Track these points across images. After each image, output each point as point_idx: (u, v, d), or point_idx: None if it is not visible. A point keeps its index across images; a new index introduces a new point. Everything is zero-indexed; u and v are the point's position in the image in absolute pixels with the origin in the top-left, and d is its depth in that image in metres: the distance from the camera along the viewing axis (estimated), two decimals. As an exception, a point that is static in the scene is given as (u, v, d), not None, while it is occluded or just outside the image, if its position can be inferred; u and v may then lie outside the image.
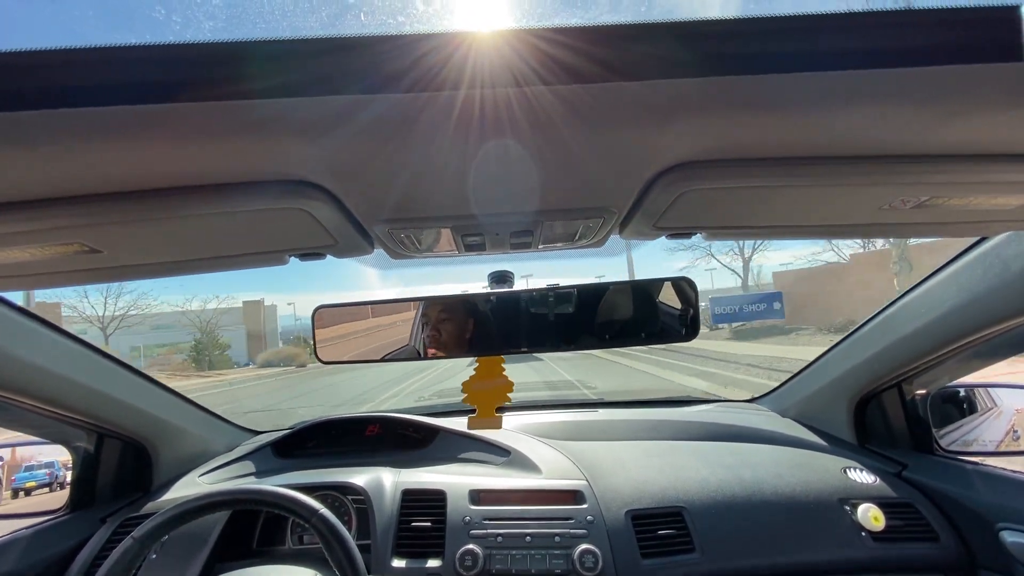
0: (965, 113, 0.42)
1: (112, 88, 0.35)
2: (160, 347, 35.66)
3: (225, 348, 33.02)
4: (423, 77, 0.36)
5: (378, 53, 0.36)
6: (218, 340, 32.43)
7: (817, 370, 1.54)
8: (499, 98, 0.38)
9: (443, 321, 0.94)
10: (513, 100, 0.38)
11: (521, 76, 0.36)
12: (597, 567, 1.05)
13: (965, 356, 1.20)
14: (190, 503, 0.89)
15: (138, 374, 1.37)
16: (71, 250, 0.57)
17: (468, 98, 0.38)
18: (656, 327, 0.91)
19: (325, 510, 0.87)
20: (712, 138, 0.46)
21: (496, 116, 0.40)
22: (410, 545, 1.14)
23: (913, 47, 0.36)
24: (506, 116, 0.40)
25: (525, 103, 0.39)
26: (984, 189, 0.55)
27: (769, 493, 1.19)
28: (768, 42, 0.36)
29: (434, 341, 0.94)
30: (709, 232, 0.73)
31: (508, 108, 0.39)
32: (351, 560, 0.82)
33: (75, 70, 0.35)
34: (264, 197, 0.51)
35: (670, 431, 1.55)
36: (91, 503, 1.37)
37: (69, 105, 0.35)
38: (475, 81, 0.36)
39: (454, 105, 0.39)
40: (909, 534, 1.12)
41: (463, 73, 0.36)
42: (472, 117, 0.40)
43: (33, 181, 0.45)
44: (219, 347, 32.25)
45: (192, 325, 32.19)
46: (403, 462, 1.37)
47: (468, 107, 0.39)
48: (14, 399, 1.08)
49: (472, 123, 0.41)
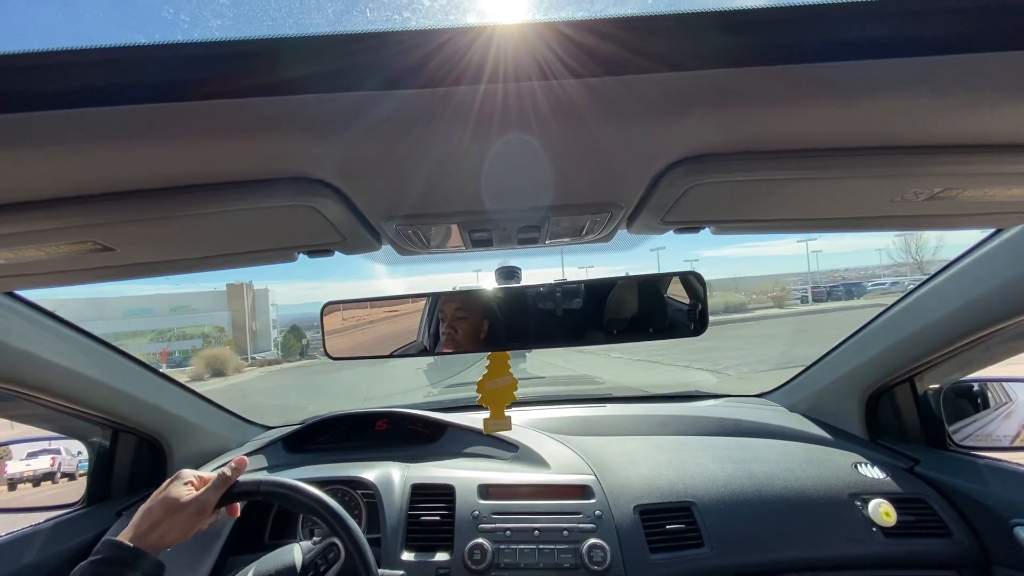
0: (982, 102, 0.41)
1: (123, 88, 0.36)
2: (130, 335, 34.65)
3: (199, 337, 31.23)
4: (430, 74, 0.36)
5: (386, 50, 0.36)
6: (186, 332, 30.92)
7: (828, 364, 1.52)
8: (509, 94, 0.38)
9: (451, 317, 0.94)
10: (524, 96, 0.38)
11: (532, 72, 0.36)
12: (606, 561, 1.06)
13: (979, 350, 1.18)
14: None
15: (153, 371, 1.39)
16: (85, 248, 0.58)
17: (476, 94, 0.38)
18: (665, 322, 0.90)
19: (335, 504, 0.87)
20: (722, 131, 0.46)
21: (505, 112, 0.40)
22: (419, 539, 1.15)
23: (929, 35, 0.35)
24: (515, 112, 0.40)
25: (535, 99, 0.39)
26: (1000, 180, 0.54)
27: (779, 488, 1.18)
28: (780, 33, 0.35)
29: (442, 337, 0.94)
30: (718, 226, 0.72)
31: (518, 104, 0.39)
32: (361, 554, 0.83)
33: (86, 71, 0.35)
34: (274, 195, 0.51)
35: (679, 426, 1.55)
36: (107, 497, 1.39)
37: (81, 105, 0.36)
38: (482, 77, 0.36)
39: (462, 102, 0.39)
40: (921, 530, 1.11)
41: (469, 70, 0.36)
42: (480, 113, 0.40)
43: (47, 181, 0.45)
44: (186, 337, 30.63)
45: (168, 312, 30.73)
46: (412, 457, 1.38)
47: (476, 104, 0.39)
48: (34, 396, 1.10)
49: (480, 119, 0.41)
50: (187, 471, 0.86)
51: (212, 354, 23.56)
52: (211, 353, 23.88)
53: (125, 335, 34.83)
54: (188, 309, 36.89)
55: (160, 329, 36.93)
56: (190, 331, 35.79)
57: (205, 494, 0.82)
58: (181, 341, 36.01)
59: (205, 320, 36.90)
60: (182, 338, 36.10)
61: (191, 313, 37.66)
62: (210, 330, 34.84)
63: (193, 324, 37.15)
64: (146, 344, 34.50)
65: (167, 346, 33.98)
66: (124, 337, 34.20)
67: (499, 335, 0.93)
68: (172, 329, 36.62)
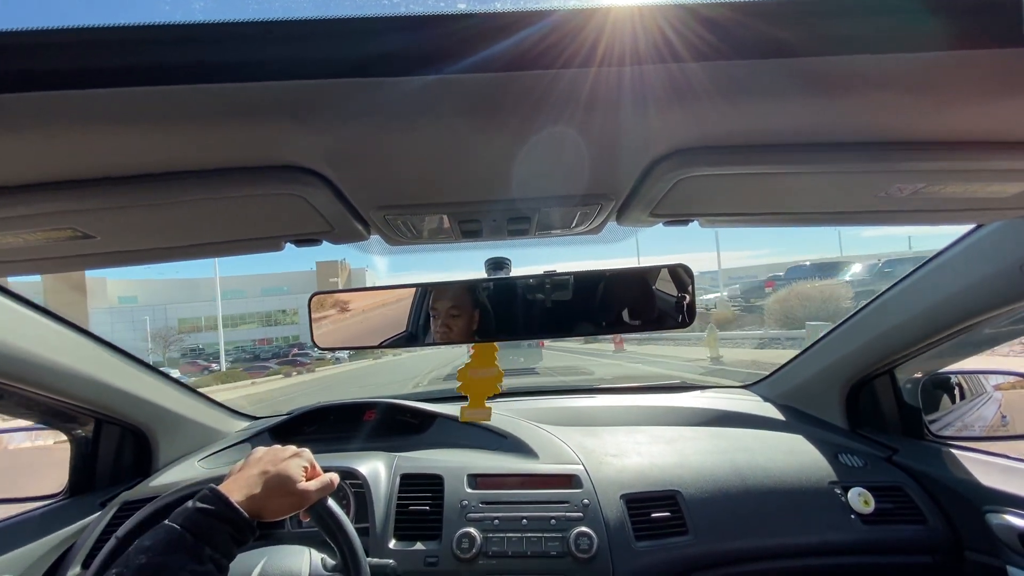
0: (963, 100, 0.42)
1: (102, 71, 0.34)
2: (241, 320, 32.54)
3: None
4: (420, 61, 0.36)
5: (373, 35, 0.35)
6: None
7: (810, 357, 1.55)
8: (497, 84, 0.37)
9: (439, 308, 0.94)
10: (512, 86, 0.38)
11: (518, 62, 0.36)
12: (592, 549, 1.07)
13: (957, 343, 1.21)
14: (170, 496, 0.90)
15: (136, 361, 1.37)
16: (63, 235, 0.57)
17: (464, 83, 0.37)
18: (653, 314, 0.91)
19: (362, 557, 0.87)
20: (710, 124, 0.46)
21: (493, 102, 0.40)
22: (408, 528, 1.16)
23: (911, 33, 0.35)
24: (505, 102, 0.40)
25: (523, 89, 0.38)
26: (980, 177, 0.55)
27: (762, 477, 1.21)
28: (765, 28, 0.35)
29: (430, 327, 0.94)
30: (706, 219, 0.73)
31: (506, 94, 0.39)
32: (350, 543, 0.83)
33: (62, 52, 0.34)
34: (259, 183, 0.50)
35: (665, 417, 1.57)
36: (90, 488, 1.37)
37: (56, 88, 0.34)
38: (471, 66, 0.36)
39: (452, 90, 0.38)
40: (898, 517, 1.15)
41: (457, 57, 0.35)
42: (470, 102, 0.40)
43: (24, 166, 0.44)
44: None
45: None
46: (401, 447, 1.38)
47: (465, 92, 0.38)
48: (12, 385, 1.08)
49: (469, 109, 0.41)
50: (309, 453, 0.83)
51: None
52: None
53: (232, 319, 33.87)
54: (280, 291, 35.35)
55: (262, 312, 35.11)
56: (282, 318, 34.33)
57: (310, 487, 0.78)
58: (279, 327, 34.76)
59: (292, 303, 35.35)
60: (280, 323, 34.75)
61: (283, 295, 36.25)
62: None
63: (280, 308, 35.64)
64: (256, 329, 33.24)
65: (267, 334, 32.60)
66: (235, 321, 33.18)
67: (489, 326, 0.93)
68: (272, 313, 35.05)
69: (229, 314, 36.58)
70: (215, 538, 0.64)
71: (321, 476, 0.82)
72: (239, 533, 0.67)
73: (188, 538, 0.62)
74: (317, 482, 0.80)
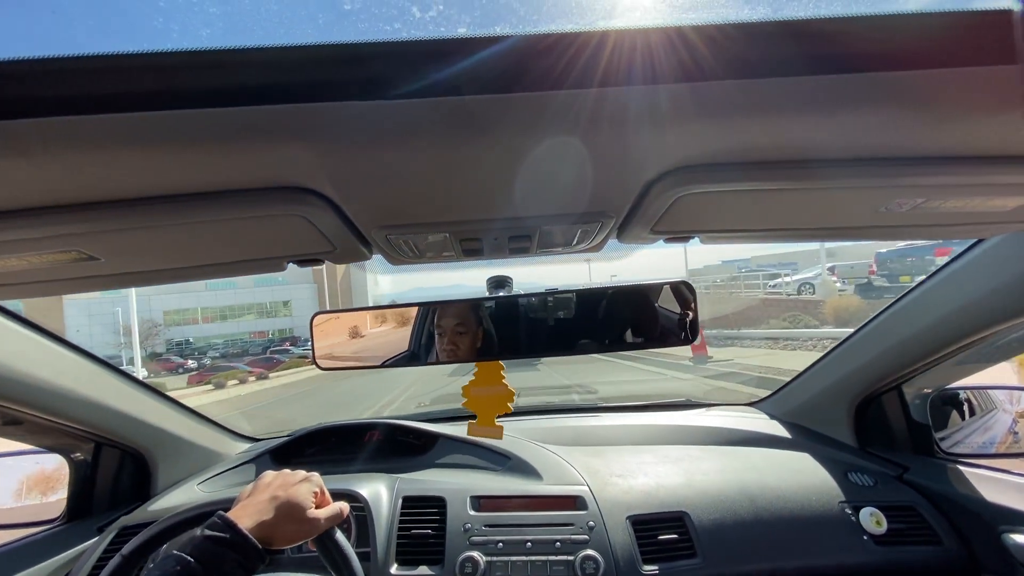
0: (961, 116, 0.42)
1: (109, 96, 0.35)
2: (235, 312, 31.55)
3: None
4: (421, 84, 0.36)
5: (377, 60, 0.36)
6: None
7: (817, 373, 1.53)
8: (497, 104, 0.38)
9: (444, 326, 0.94)
10: (511, 107, 0.38)
11: (517, 83, 0.36)
12: (598, 573, 1.05)
13: (965, 358, 1.20)
14: (176, 517, 0.88)
15: (136, 382, 1.36)
16: (69, 258, 0.57)
17: (464, 104, 0.38)
18: (656, 331, 0.91)
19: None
20: (710, 142, 0.46)
21: (494, 122, 0.40)
22: (410, 552, 1.13)
23: (909, 51, 0.36)
24: (504, 122, 0.40)
25: (523, 110, 0.39)
26: (981, 191, 0.55)
27: (771, 497, 1.18)
28: (764, 46, 0.36)
29: (433, 346, 0.94)
30: (706, 236, 0.73)
31: (506, 114, 0.39)
32: (351, 569, 0.82)
33: (68, 78, 0.35)
34: (262, 204, 0.51)
35: (670, 435, 1.55)
36: (88, 513, 1.35)
37: (65, 114, 0.35)
38: (472, 87, 0.36)
39: (453, 112, 0.39)
40: (911, 537, 1.12)
41: (459, 79, 0.36)
42: (470, 123, 0.40)
43: (30, 189, 0.45)
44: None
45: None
46: (403, 468, 1.37)
47: (465, 113, 0.39)
48: (12, 408, 1.07)
49: (470, 129, 0.41)
50: (319, 478, 0.82)
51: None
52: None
53: (227, 309, 32.63)
54: (274, 282, 34.55)
55: (252, 303, 34.16)
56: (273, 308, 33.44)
57: (320, 516, 0.77)
58: (273, 319, 33.72)
59: (284, 294, 34.20)
60: (274, 315, 33.76)
61: (275, 286, 35.27)
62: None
63: (273, 299, 34.56)
64: (254, 321, 32.19)
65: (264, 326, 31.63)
66: (226, 313, 32.11)
67: (491, 345, 0.93)
68: (266, 304, 34.11)
69: (219, 305, 35.26)
70: (224, 567, 0.63)
71: (331, 505, 0.81)
72: (248, 561, 0.66)
73: (197, 568, 0.61)
74: (327, 511, 0.79)
